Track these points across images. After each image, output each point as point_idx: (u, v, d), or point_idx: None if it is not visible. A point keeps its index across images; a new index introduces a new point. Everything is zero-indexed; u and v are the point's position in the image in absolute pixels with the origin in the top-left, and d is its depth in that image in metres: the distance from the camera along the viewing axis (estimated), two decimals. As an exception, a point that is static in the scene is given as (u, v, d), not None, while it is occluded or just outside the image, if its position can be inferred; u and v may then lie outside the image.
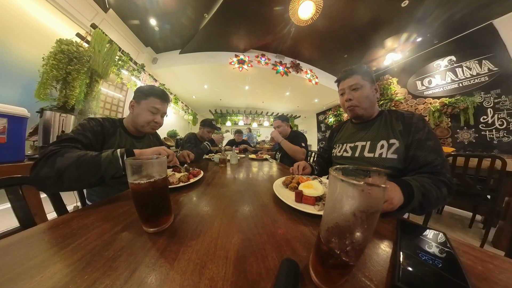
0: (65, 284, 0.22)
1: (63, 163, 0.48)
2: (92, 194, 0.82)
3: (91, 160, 0.52)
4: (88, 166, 0.51)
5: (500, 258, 0.29)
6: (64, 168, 0.48)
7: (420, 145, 0.62)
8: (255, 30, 3.11)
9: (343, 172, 0.23)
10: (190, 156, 1.09)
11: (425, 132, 0.63)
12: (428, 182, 0.53)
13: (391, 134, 0.69)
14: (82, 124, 0.70)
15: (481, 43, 2.55)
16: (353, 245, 0.20)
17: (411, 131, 0.65)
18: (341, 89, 0.79)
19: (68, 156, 0.50)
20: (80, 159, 0.50)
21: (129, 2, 2.47)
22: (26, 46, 1.62)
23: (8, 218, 1.12)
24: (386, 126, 0.72)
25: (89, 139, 0.67)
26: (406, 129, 0.66)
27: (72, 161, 0.49)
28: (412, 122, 0.66)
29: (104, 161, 0.52)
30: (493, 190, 1.35)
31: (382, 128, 0.73)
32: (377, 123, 0.76)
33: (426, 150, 0.60)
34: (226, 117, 7.67)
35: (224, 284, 0.23)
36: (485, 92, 2.51)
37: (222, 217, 0.43)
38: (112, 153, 0.55)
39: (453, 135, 2.84)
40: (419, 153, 0.61)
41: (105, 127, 0.77)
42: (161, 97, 0.84)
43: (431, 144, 0.61)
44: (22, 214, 0.53)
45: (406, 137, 0.65)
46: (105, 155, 0.54)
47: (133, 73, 2.92)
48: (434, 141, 0.62)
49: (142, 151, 0.61)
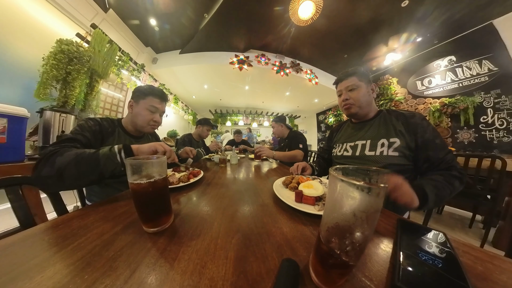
0: (65, 284, 0.22)
1: (63, 161, 0.49)
2: (91, 195, 0.82)
3: (89, 157, 0.52)
4: (87, 163, 0.51)
5: (500, 258, 0.28)
6: (64, 166, 0.49)
7: (430, 145, 0.64)
8: (255, 30, 3.11)
9: (343, 172, 0.23)
10: (193, 152, 1.09)
11: (431, 131, 0.66)
12: (440, 180, 0.57)
13: (391, 133, 0.70)
14: (80, 124, 0.71)
15: (481, 43, 2.55)
16: (353, 245, 0.20)
17: (417, 132, 0.66)
18: (339, 91, 0.83)
19: (67, 155, 0.51)
20: (78, 157, 0.51)
21: (129, 2, 2.47)
22: (26, 46, 1.62)
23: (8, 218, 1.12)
24: (386, 125, 0.74)
25: (88, 138, 0.68)
26: (409, 129, 0.68)
27: (71, 159, 0.50)
28: (416, 123, 0.68)
29: (102, 157, 0.53)
30: (493, 190, 1.35)
31: (382, 127, 0.75)
32: (376, 122, 0.78)
33: (437, 149, 0.63)
34: (226, 117, 7.67)
35: (224, 284, 0.23)
36: (485, 92, 2.51)
37: (222, 217, 0.43)
38: (110, 149, 0.56)
39: (453, 135, 2.84)
40: (432, 154, 0.63)
41: (103, 127, 0.77)
42: (160, 96, 0.84)
43: (439, 142, 0.64)
44: (22, 214, 0.53)
45: (413, 137, 0.66)
46: (103, 151, 0.54)
47: (133, 73, 2.92)
48: (440, 138, 0.65)
49: (139, 146, 0.61)
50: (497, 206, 1.34)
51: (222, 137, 5.54)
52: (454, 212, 2.09)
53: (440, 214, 2.05)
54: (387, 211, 0.47)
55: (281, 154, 1.51)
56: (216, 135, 7.23)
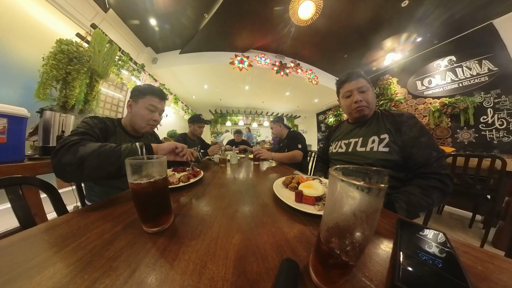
0: (65, 284, 0.22)
1: (85, 151, 0.51)
2: (91, 195, 0.82)
3: (112, 150, 0.55)
4: (109, 155, 0.53)
5: (500, 258, 0.28)
6: (87, 155, 0.51)
7: (415, 142, 0.64)
8: (255, 30, 3.11)
9: (343, 172, 0.23)
10: (194, 155, 1.08)
11: (418, 129, 0.66)
12: (416, 193, 0.58)
13: (381, 130, 0.72)
14: (86, 121, 0.71)
15: (481, 43, 2.55)
16: (353, 245, 0.20)
17: (402, 129, 0.67)
18: (348, 91, 0.81)
19: (90, 145, 0.53)
20: (101, 149, 0.53)
21: (129, 2, 2.47)
22: (26, 46, 1.62)
23: (8, 218, 1.12)
24: (378, 124, 0.76)
25: (98, 135, 0.70)
26: (396, 127, 0.69)
27: (94, 149, 0.52)
28: (403, 121, 0.69)
29: (124, 151, 0.56)
30: (493, 190, 1.35)
31: (374, 126, 0.77)
32: (369, 122, 0.80)
33: (421, 147, 0.63)
34: (226, 117, 7.67)
35: (224, 284, 0.23)
36: (485, 92, 2.51)
37: (222, 217, 0.43)
38: (131, 145, 0.59)
39: (453, 135, 2.84)
40: (415, 151, 0.63)
41: (107, 125, 0.79)
42: (159, 95, 0.85)
43: (425, 140, 0.64)
44: (22, 214, 0.53)
45: (399, 135, 0.68)
46: (125, 146, 0.58)
47: (133, 73, 2.92)
48: (427, 137, 0.64)
49: (158, 145, 0.64)
50: (497, 206, 1.34)
51: (222, 137, 5.54)
52: (454, 212, 2.09)
53: (440, 214, 2.05)
54: (387, 211, 0.47)
55: (280, 156, 1.51)
56: (216, 135, 7.23)
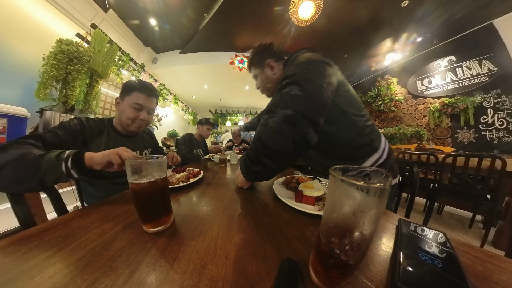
0: (65, 284, 0.22)
1: (4, 160, 0.42)
2: (88, 197, 0.81)
3: (32, 160, 0.44)
4: (27, 166, 0.43)
5: (500, 258, 0.28)
6: (2, 165, 0.42)
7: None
8: (255, 30, 3.11)
9: (343, 172, 0.23)
10: (174, 159, 0.92)
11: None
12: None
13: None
14: (62, 122, 0.67)
15: (481, 43, 2.55)
16: (354, 245, 0.20)
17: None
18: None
19: (12, 153, 0.43)
20: (20, 158, 0.43)
21: (129, 2, 2.47)
22: (26, 46, 1.62)
23: (8, 218, 1.12)
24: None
25: (60, 137, 0.61)
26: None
27: (12, 158, 0.43)
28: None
29: (44, 164, 0.44)
30: (493, 190, 1.35)
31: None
32: None
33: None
34: (226, 117, 7.67)
35: (224, 284, 0.23)
36: (485, 92, 2.52)
37: (222, 217, 0.43)
38: (58, 155, 0.46)
39: (453, 135, 2.84)
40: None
41: (87, 127, 0.71)
42: (145, 91, 0.77)
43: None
44: (22, 214, 0.52)
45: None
46: (49, 156, 0.45)
47: (133, 73, 2.92)
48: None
49: (92, 155, 0.49)
50: (497, 206, 1.34)
51: (222, 137, 5.53)
52: (454, 212, 2.09)
53: (440, 214, 2.05)
54: (387, 211, 0.47)
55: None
56: (216, 135, 7.23)
